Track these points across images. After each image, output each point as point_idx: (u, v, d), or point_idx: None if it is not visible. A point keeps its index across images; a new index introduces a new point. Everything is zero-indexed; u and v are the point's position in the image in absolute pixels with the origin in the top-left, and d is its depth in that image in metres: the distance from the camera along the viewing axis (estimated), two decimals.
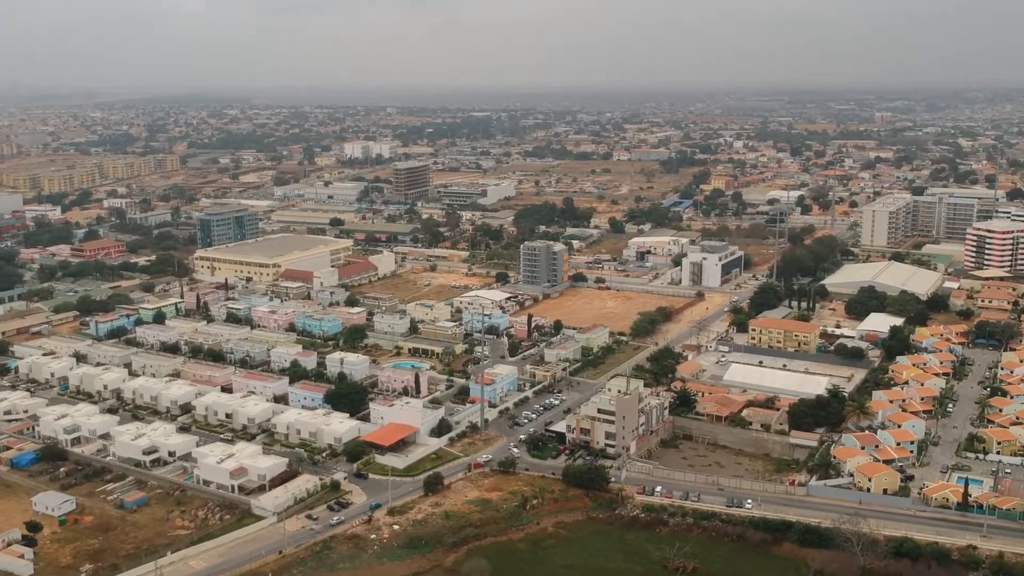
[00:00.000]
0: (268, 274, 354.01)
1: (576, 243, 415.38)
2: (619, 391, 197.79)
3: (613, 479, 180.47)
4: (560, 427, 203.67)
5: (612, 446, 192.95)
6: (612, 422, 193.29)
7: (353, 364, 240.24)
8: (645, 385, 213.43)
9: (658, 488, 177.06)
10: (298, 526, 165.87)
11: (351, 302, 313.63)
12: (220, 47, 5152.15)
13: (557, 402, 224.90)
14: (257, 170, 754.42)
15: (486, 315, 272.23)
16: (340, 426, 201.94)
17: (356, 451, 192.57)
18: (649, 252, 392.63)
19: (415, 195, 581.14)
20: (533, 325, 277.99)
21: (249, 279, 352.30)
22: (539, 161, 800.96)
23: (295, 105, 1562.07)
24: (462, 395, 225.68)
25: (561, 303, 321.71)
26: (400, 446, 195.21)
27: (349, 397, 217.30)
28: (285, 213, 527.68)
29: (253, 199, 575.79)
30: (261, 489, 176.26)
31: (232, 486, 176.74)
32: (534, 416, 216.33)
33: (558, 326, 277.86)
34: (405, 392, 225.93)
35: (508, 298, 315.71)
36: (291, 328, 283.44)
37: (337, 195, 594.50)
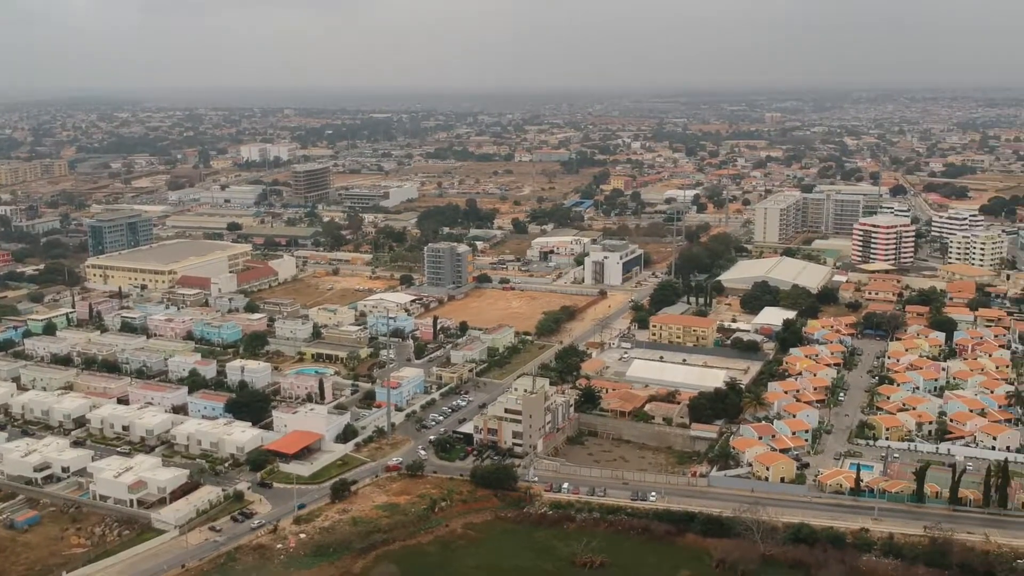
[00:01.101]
0: (164, 281, 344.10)
1: (480, 244, 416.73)
2: (525, 390, 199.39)
3: (521, 478, 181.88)
4: (468, 428, 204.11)
5: (519, 445, 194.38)
6: (519, 421, 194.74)
7: (254, 372, 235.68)
8: (551, 383, 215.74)
9: (565, 485, 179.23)
10: (201, 539, 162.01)
11: (251, 308, 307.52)
12: (109, 47, 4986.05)
13: (464, 403, 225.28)
14: (150, 174, 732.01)
15: (391, 318, 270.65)
16: (242, 435, 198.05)
17: (260, 460, 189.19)
18: (552, 252, 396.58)
19: (315, 198, 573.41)
20: (439, 327, 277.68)
21: (144, 287, 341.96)
22: (441, 162, 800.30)
23: (189, 107, 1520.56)
24: (368, 400, 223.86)
25: (466, 304, 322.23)
26: (305, 453, 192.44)
27: (251, 405, 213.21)
28: (180, 218, 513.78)
29: (147, 204, 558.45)
30: (161, 502, 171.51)
31: (130, 500, 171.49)
32: (441, 418, 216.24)
33: (464, 327, 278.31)
34: (309, 399, 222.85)
35: (413, 300, 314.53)
36: (189, 336, 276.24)
37: (234, 199, 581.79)
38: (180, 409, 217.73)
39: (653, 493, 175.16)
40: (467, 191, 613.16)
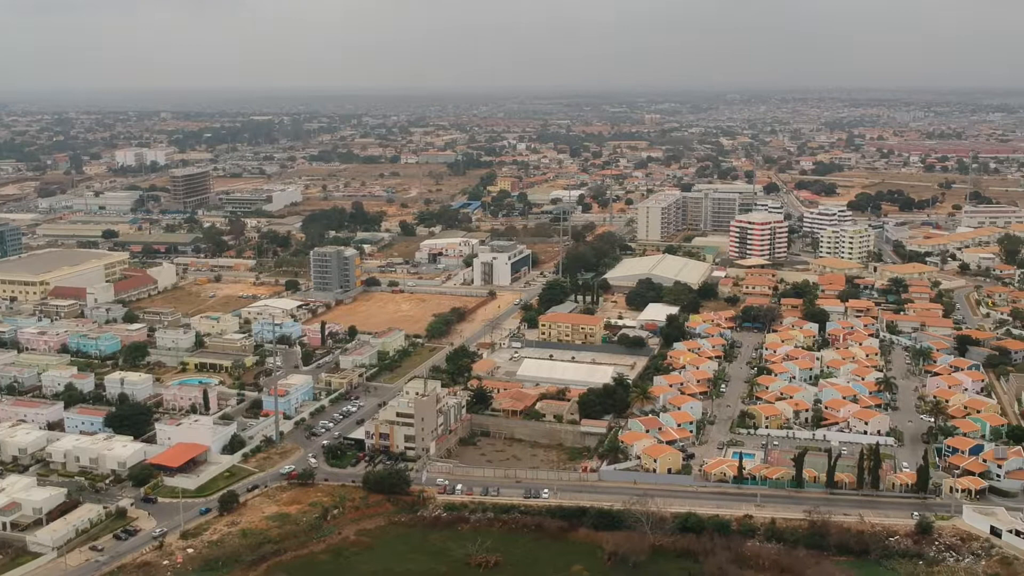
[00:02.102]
0: (35, 292, 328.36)
1: (367, 247, 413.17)
2: (417, 393, 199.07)
3: (414, 481, 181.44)
4: (359, 434, 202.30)
5: (412, 448, 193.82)
6: (411, 424, 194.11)
7: (135, 384, 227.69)
8: (442, 385, 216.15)
9: (458, 486, 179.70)
10: (81, 559, 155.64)
11: (130, 318, 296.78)
12: None
13: (355, 409, 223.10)
14: (18, 181, 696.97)
15: (277, 325, 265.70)
16: (123, 450, 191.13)
17: (143, 475, 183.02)
18: (441, 254, 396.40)
19: (195, 203, 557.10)
20: (327, 332, 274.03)
21: (13, 299, 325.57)
22: (326, 165, 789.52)
23: (59, 111, 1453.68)
24: (255, 409, 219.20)
25: (355, 308, 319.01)
26: (191, 466, 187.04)
27: (132, 419, 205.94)
28: (52, 226, 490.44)
29: (14, 213, 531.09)
30: (38, 523, 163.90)
31: (3, 524, 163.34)
32: (332, 425, 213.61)
33: (353, 332, 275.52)
34: (193, 410, 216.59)
35: (299, 306, 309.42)
36: (64, 349, 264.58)
37: (109, 205, 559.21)
38: (56, 425, 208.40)
39: (546, 490, 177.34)
40: (353, 194, 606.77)
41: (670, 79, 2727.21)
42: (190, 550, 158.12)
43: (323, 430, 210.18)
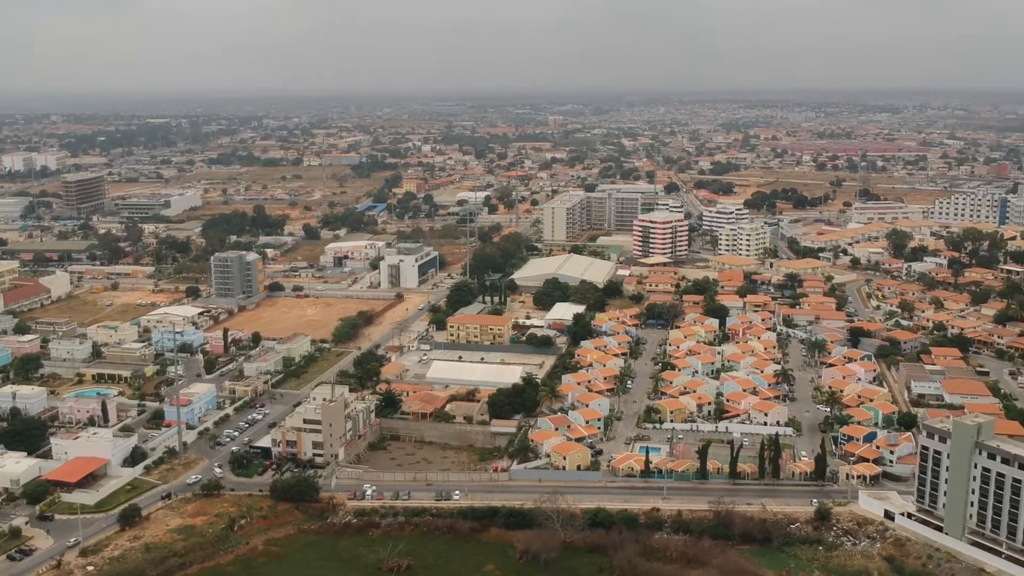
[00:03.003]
0: None
1: (271, 251, 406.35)
2: (324, 399, 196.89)
3: (323, 488, 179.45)
4: (265, 442, 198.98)
5: (320, 455, 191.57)
6: (319, 431, 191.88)
7: (28, 397, 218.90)
8: (350, 390, 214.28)
9: (369, 491, 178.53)
10: None
11: (21, 329, 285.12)
12: None
13: (260, 416, 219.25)
14: None
15: (178, 333, 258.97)
16: (16, 467, 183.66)
17: (38, 492, 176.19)
18: (347, 257, 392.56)
19: (89, 209, 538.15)
20: (230, 339, 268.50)
21: None
22: (226, 168, 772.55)
23: None
24: (157, 419, 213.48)
25: (258, 314, 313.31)
26: (89, 481, 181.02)
27: (25, 434, 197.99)
28: None
29: None
30: None
31: None
32: (237, 434, 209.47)
33: (256, 338, 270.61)
34: (91, 422, 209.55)
35: (201, 313, 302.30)
36: None
37: None
38: None
39: (457, 492, 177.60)
40: (254, 197, 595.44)
41: (572, 81, 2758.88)
42: (90, 567, 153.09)
43: (228, 439, 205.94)
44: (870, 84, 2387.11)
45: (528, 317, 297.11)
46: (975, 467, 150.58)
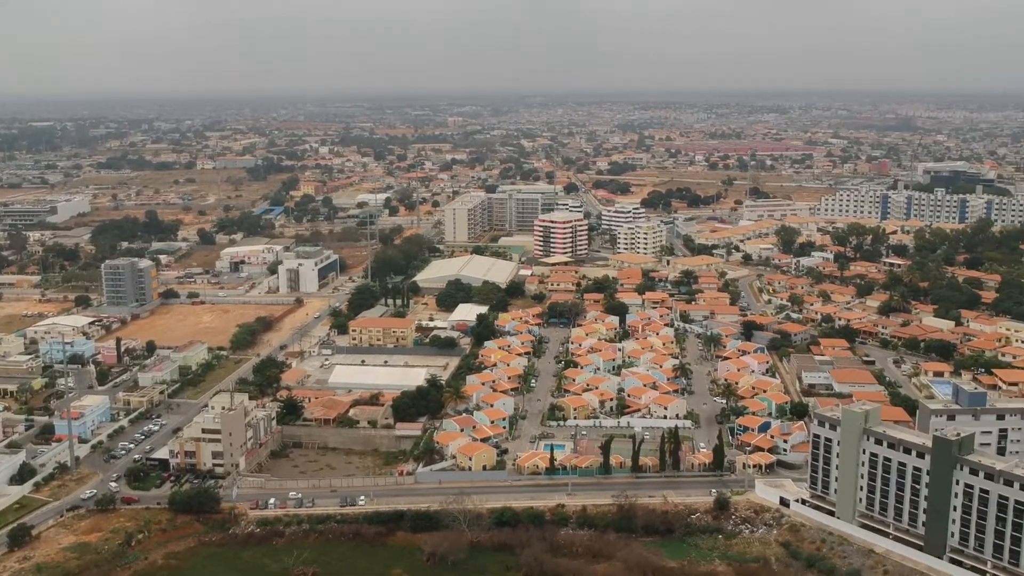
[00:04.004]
0: None
1: (164, 258, 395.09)
2: (223, 408, 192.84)
3: (224, 498, 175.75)
4: (163, 453, 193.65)
5: (221, 465, 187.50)
6: (218, 440, 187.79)
7: None
8: (250, 398, 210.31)
9: (272, 500, 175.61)
10: None
11: None
12: None
13: (157, 427, 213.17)
14: None
15: (67, 343, 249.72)
16: None
17: None
18: (243, 262, 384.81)
19: None
20: (123, 349, 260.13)
21: None
22: (115, 173, 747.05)
23: None
24: (46, 434, 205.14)
25: (153, 322, 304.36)
26: None
27: None
28: None
29: None
30: None
31: None
32: (132, 446, 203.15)
33: (151, 347, 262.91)
34: None
35: (92, 322, 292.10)
36: None
37: None
38: None
39: (362, 497, 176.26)
40: (146, 202, 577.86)
41: (471, 82, 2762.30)
42: None
43: (123, 452, 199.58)
44: (758, 86, 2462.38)
45: (431, 319, 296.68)
46: (863, 453, 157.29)
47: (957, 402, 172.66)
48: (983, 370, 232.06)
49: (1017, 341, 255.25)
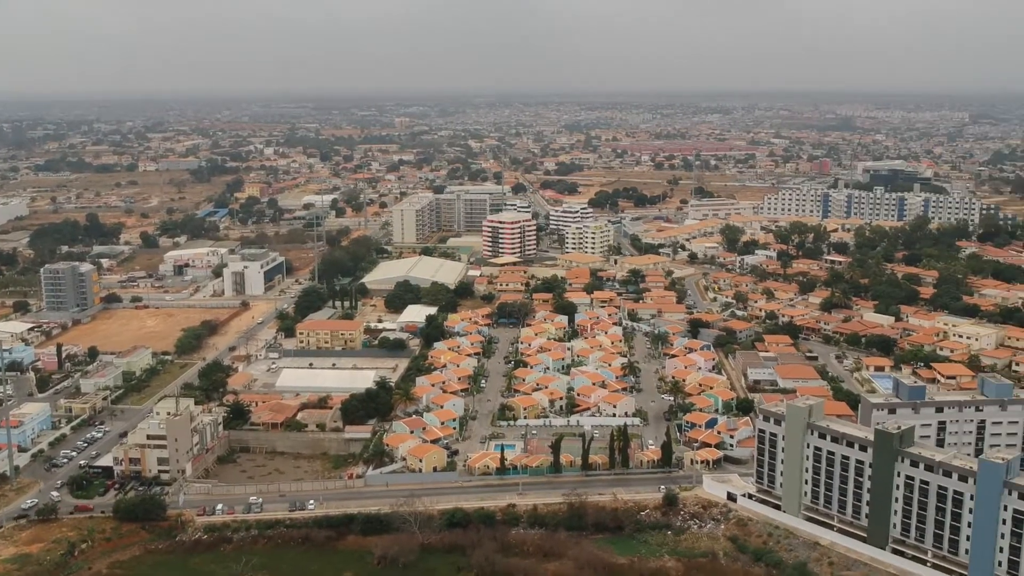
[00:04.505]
0: None
1: (106, 261, 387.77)
2: (168, 413, 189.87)
3: (171, 505, 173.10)
4: (107, 461, 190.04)
5: (166, 471, 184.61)
6: (164, 446, 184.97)
7: None
8: (196, 403, 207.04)
9: (219, 506, 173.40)
10: None
11: None
12: None
13: (100, 435, 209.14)
14: None
15: (5, 350, 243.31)
16: None
17: None
18: (188, 265, 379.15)
19: None
20: (64, 355, 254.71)
21: None
22: (54, 175, 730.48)
23: None
24: None
25: (95, 328, 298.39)
26: None
27: None
28: None
29: None
30: None
31: None
32: (75, 454, 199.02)
33: (93, 353, 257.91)
34: None
35: (31, 328, 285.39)
36: None
37: None
38: None
39: (311, 501, 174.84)
40: (87, 205, 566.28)
41: (417, 83, 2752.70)
42: None
43: (65, 460, 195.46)
44: (702, 87, 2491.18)
45: (380, 321, 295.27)
46: (807, 447, 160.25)
47: (897, 396, 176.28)
48: (922, 364, 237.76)
49: (954, 335, 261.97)
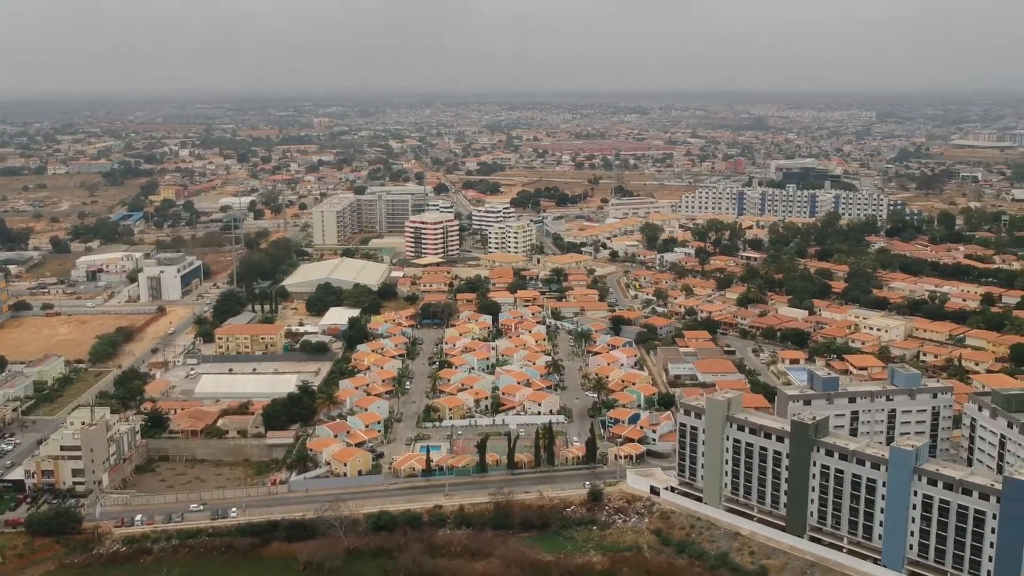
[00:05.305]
0: None
1: (14, 268, 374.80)
2: (83, 423, 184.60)
3: (87, 518, 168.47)
4: (17, 474, 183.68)
5: (82, 483, 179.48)
6: (79, 457, 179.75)
7: None
8: (112, 411, 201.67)
9: (138, 517, 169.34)
10: None
11: None
12: None
13: (10, 447, 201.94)
14: None
15: None
16: None
17: None
18: (101, 270, 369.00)
19: None
20: None
21: None
22: None
23: None
24: None
25: (3, 337, 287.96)
26: None
27: None
28: None
29: None
30: None
31: None
32: None
33: (2, 362, 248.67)
34: None
35: None
36: None
37: None
38: None
39: (234, 509, 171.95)
40: None
41: (336, 83, 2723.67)
42: None
43: None
44: (620, 88, 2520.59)
45: (301, 324, 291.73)
46: (727, 439, 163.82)
47: (812, 387, 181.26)
48: (835, 356, 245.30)
49: (865, 328, 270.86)
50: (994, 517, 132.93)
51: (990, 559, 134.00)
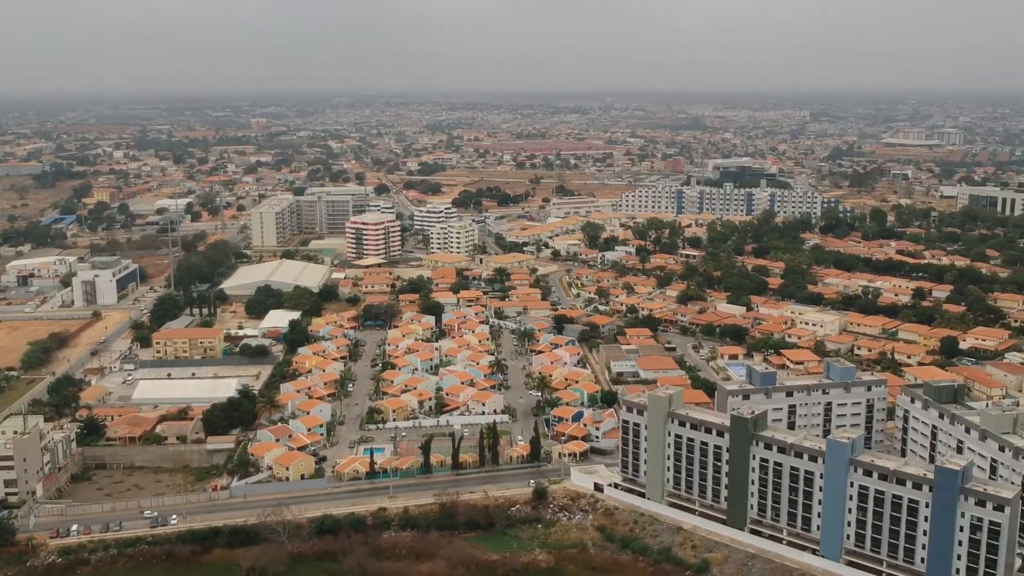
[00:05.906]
0: None
1: None
2: (15, 432, 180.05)
3: (20, 529, 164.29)
4: None
5: (15, 494, 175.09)
6: (11, 467, 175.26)
7: None
8: (46, 419, 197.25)
9: (74, 527, 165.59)
10: None
11: None
12: None
13: None
14: None
15: None
16: None
17: None
18: (33, 275, 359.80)
19: None
20: None
21: None
22: None
23: None
24: None
25: None
26: None
27: None
28: None
29: None
30: None
31: None
32: None
33: None
34: None
35: None
36: None
37: None
38: None
39: (174, 516, 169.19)
40: None
41: (274, 83, 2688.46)
42: None
43: None
44: (560, 88, 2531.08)
45: (241, 327, 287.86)
46: (669, 435, 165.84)
47: (751, 382, 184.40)
48: (772, 351, 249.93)
49: (801, 323, 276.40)
50: (927, 506, 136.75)
51: (923, 547, 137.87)
